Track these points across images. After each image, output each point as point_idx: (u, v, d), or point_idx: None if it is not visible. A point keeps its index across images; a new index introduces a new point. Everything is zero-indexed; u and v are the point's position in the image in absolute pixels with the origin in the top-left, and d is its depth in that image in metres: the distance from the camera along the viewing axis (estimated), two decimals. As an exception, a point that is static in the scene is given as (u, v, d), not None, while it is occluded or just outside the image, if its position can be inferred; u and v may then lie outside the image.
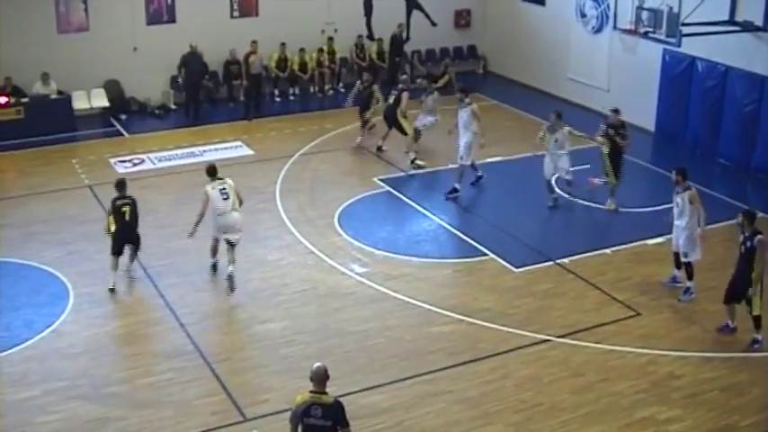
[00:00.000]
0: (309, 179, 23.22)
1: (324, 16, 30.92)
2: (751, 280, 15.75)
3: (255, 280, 18.07)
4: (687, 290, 17.74)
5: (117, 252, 17.76)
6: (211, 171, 18.16)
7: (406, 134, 24.56)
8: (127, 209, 17.66)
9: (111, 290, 17.54)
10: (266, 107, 29.21)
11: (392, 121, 24.65)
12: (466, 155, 22.43)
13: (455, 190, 22.39)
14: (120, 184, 17.91)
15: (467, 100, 22.61)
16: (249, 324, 16.59)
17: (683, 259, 17.83)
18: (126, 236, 17.79)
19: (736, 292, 16.04)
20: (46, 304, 17.03)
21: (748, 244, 15.78)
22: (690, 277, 17.76)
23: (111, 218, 17.69)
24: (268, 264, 18.70)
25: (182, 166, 24.10)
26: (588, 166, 22.69)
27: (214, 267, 18.47)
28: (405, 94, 24.71)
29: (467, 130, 22.34)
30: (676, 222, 17.87)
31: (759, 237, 15.69)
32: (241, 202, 18.11)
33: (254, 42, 28.42)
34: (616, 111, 21.22)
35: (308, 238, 19.79)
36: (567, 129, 21.61)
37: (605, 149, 21.25)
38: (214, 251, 18.37)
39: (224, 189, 17.84)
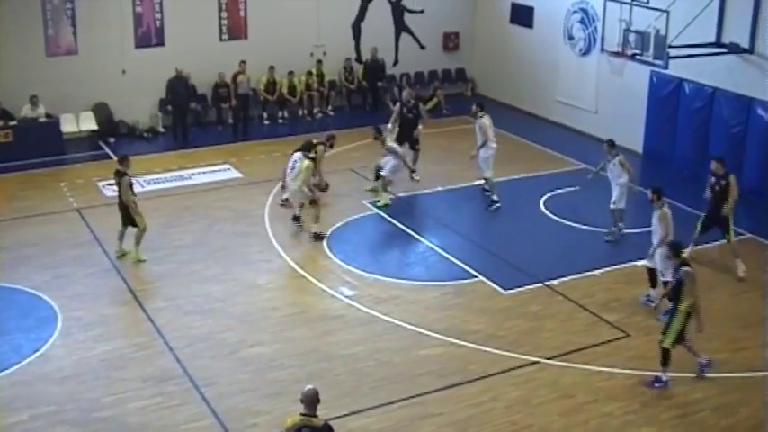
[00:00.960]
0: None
1: (312, 39, 30.98)
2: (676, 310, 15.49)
3: (244, 303, 18.03)
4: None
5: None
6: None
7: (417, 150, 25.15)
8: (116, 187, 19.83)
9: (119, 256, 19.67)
10: (255, 130, 29.23)
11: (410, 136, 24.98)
12: (485, 167, 22.98)
13: (494, 201, 22.96)
14: (120, 160, 20.04)
15: (480, 114, 23.08)
16: (238, 348, 16.53)
17: (660, 278, 17.95)
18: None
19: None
20: (34, 328, 16.96)
21: (677, 276, 15.59)
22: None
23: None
24: (257, 287, 18.67)
25: (170, 189, 24.06)
26: (578, 187, 22.69)
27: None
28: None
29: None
30: (653, 240, 18.13)
31: (685, 269, 15.53)
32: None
33: (243, 63, 28.58)
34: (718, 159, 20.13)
35: (297, 262, 19.77)
36: (618, 158, 20.84)
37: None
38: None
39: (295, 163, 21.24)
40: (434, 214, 22.57)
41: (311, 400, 10.68)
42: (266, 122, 30.14)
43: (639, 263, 19.83)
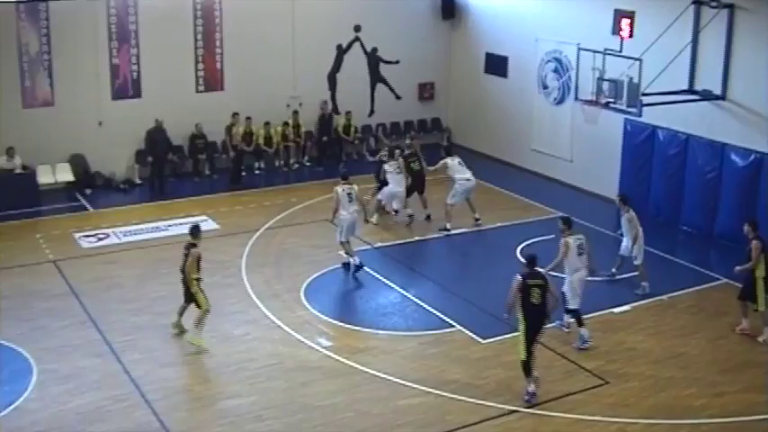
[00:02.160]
0: (275, 253, 23.18)
1: (288, 90, 31.10)
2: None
3: (221, 355, 17.92)
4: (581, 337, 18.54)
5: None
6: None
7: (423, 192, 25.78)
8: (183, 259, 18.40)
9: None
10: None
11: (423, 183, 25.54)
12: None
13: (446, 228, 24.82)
14: (192, 230, 18.78)
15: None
16: (215, 400, 16.43)
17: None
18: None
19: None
20: (8, 381, 16.77)
21: None
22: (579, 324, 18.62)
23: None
24: (234, 339, 18.58)
25: (147, 240, 23.99)
26: (552, 236, 22.71)
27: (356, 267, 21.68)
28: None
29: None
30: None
31: None
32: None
33: (236, 115, 28.95)
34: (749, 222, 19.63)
35: (274, 313, 19.70)
36: (628, 215, 21.00)
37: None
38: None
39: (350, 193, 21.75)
40: (411, 264, 22.57)
41: None
42: (243, 173, 30.14)
43: (616, 310, 19.98)
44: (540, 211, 25.51)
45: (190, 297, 18.36)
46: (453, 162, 25.31)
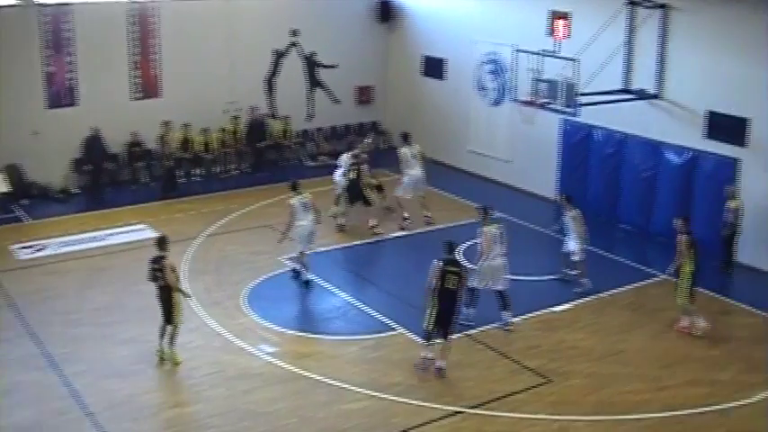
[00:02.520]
0: (216, 260, 23.05)
1: (226, 96, 30.95)
2: None
3: (163, 365, 17.77)
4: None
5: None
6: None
7: (371, 204, 25.18)
8: (159, 273, 17.74)
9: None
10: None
11: (358, 194, 25.10)
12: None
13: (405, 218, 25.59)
14: (159, 242, 18.12)
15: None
16: (159, 409, 16.30)
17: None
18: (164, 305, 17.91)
19: None
20: (-55, 398, 16.57)
21: None
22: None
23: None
24: (177, 347, 18.43)
25: (85, 250, 23.72)
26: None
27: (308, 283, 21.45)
28: (364, 166, 25.35)
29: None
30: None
31: None
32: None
33: (168, 123, 28.55)
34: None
35: (215, 320, 19.58)
36: (572, 212, 21.20)
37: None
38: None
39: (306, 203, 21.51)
40: (351, 268, 22.55)
41: None
42: (181, 180, 29.95)
43: (557, 308, 20.14)
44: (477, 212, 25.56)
45: (169, 313, 17.81)
46: (407, 153, 25.70)
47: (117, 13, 28.90)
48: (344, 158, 25.82)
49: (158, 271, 17.70)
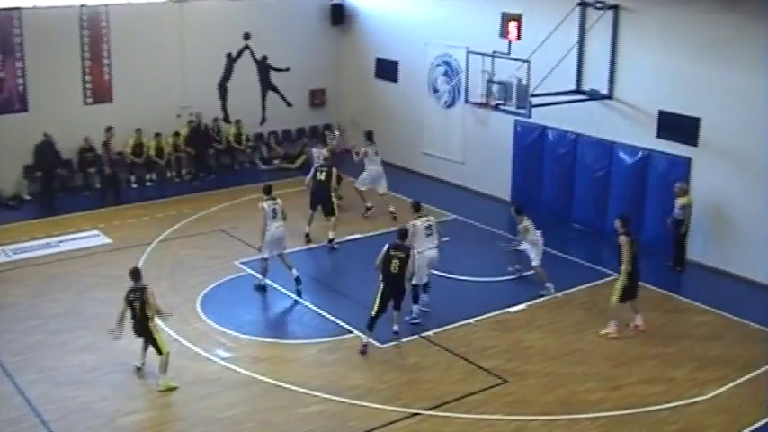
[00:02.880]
0: (170, 265, 22.92)
1: (179, 100, 30.80)
2: None
3: (119, 371, 17.64)
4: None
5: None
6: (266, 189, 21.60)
7: (333, 215, 24.53)
8: (137, 303, 17.18)
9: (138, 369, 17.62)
10: (123, 194, 28.81)
11: (324, 199, 24.53)
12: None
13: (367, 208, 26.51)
14: (134, 274, 17.60)
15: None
16: (114, 417, 16.13)
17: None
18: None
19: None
20: None
21: None
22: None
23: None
24: (130, 354, 18.21)
25: (38, 257, 23.48)
26: (448, 238, 22.87)
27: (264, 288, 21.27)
28: (335, 170, 25.14)
29: None
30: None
31: None
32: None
33: (110, 129, 28.18)
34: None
35: (170, 326, 19.37)
36: (522, 225, 21.50)
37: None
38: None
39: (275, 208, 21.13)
40: (307, 270, 22.46)
41: None
42: (134, 185, 29.78)
43: (512, 309, 20.24)
44: (433, 214, 25.58)
45: (155, 346, 17.31)
46: (370, 151, 26.51)
47: (67, 17, 28.63)
48: (314, 152, 26.46)
49: (137, 300, 17.21)
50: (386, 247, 18.64)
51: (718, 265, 22.75)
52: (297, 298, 21.00)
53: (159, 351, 17.20)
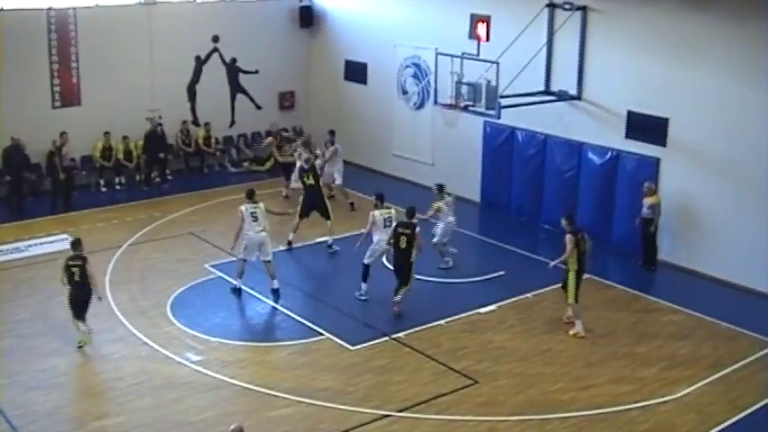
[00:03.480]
0: (140, 269, 22.83)
1: (148, 104, 30.65)
2: None
3: (87, 375, 17.62)
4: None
5: (76, 315, 18.59)
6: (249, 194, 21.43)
7: (329, 217, 24.48)
8: (76, 270, 18.28)
9: (80, 346, 18.38)
10: (92, 198, 28.70)
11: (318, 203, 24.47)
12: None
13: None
14: (75, 244, 18.89)
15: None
16: (84, 422, 16.05)
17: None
18: (79, 296, 18.53)
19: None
20: None
21: None
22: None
23: (64, 278, 18.53)
24: (100, 358, 18.22)
25: (5, 262, 23.33)
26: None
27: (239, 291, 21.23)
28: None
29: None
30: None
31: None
32: None
33: (65, 134, 27.93)
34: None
35: (140, 330, 19.37)
36: (444, 201, 22.76)
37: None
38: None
39: (255, 212, 21.00)
40: (276, 274, 22.39)
41: None
42: (103, 189, 29.63)
43: (483, 310, 20.28)
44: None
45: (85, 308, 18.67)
46: (338, 149, 28.03)
47: (35, 20, 28.44)
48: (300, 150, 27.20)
49: (76, 267, 18.35)
50: (394, 225, 20.30)
51: (687, 265, 22.87)
52: (272, 303, 20.94)
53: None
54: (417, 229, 19.93)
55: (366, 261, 20.95)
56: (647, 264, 22.96)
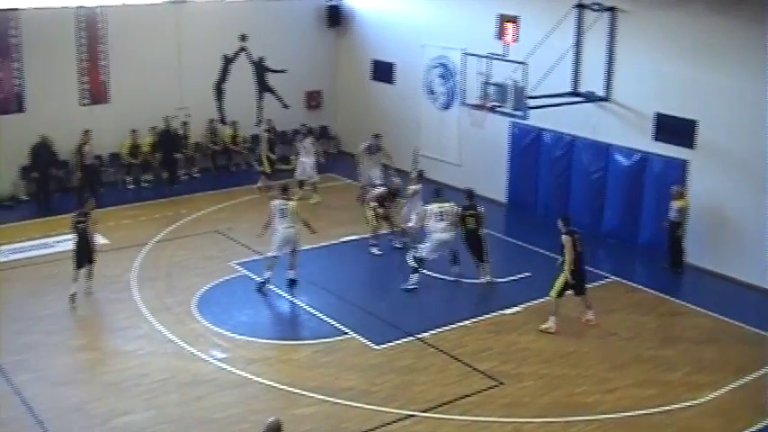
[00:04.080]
0: (166, 266, 22.91)
1: (175, 102, 30.75)
2: None
3: (113, 371, 17.64)
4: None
5: (78, 265, 20.48)
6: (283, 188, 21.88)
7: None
8: (82, 225, 20.45)
9: (72, 296, 20.08)
10: (119, 195, 28.82)
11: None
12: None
13: None
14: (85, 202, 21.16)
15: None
16: (109, 417, 16.10)
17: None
18: (83, 251, 20.54)
19: None
20: None
21: None
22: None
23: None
24: (126, 354, 18.30)
25: (33, 257, 23.49)
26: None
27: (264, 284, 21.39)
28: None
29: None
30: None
31: None
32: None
33: (87, 132, 28.03)
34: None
35: (166, 326, 19.45)
36: (413, 187, 24.02)
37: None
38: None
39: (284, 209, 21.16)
40: (302, 272, 22.41)
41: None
42: (130, 186, 29.76)
43: (508, 311, 20.23)
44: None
45: (91, 253, 20.78)
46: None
47: (65, 18, 28.63)
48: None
49: (82, 222, 20.61)
50: (455, 208, 21.59)
51: (714, 268, 22.74)
52: (289, 297, 20.97)
53: (92, 260, 20.98)
54: (480, 207, 21.61)
55: (423, 254, 21.45)
56: (673, 267, 22.87)
